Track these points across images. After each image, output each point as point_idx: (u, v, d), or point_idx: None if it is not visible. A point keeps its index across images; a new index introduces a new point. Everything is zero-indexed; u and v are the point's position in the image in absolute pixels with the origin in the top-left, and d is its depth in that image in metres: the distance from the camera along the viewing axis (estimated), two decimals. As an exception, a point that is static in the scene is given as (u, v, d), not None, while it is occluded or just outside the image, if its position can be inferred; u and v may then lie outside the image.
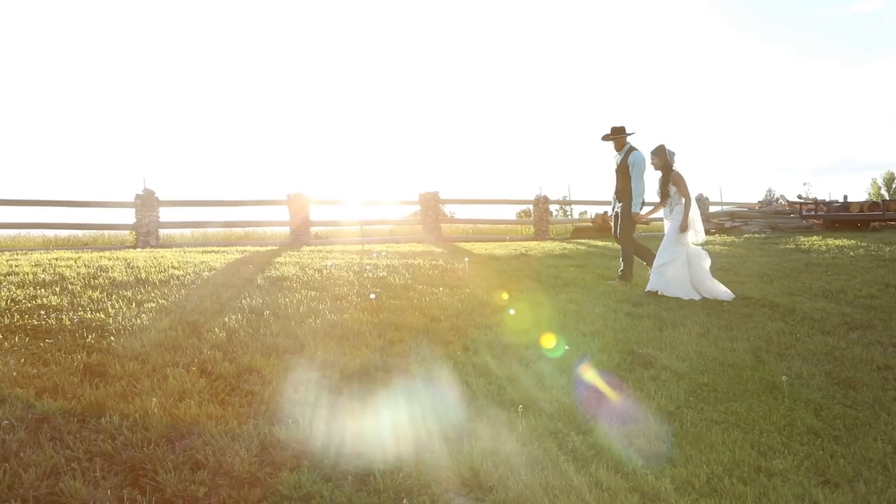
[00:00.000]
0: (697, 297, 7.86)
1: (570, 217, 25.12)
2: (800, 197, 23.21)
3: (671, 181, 8.07)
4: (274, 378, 3.91)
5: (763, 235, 17.58)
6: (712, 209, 22.66)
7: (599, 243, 15.23)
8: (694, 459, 3.59)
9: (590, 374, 4.81)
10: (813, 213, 21.33)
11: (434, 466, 3.14)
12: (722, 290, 7.91)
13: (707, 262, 8.07)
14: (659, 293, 7.84)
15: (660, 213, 8.65)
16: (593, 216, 20.05)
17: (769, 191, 39.47)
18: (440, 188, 17.39)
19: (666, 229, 8.26)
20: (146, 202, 14.56)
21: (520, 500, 2.92)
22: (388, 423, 3.49)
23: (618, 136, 8.85)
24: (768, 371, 5.27)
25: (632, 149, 8.76)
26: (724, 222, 21.19)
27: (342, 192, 18.06)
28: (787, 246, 14.04)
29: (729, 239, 16.64)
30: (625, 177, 8.78)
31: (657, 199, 8.43)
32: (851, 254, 11.93)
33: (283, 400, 3.63)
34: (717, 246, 14.55)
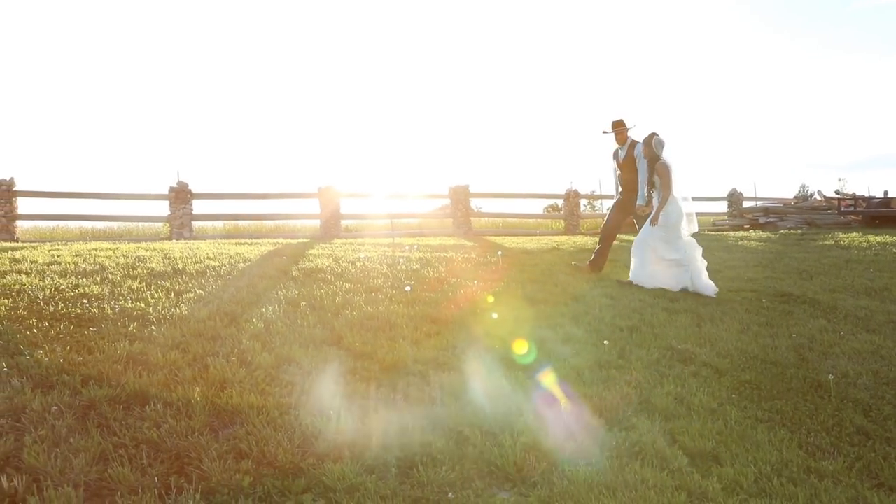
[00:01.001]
0: (691, 289, 7.74)
1: (599, 212, 24.81)
2: (837, 192, 22.62)
3: (655, 171, 7.95)
4: (313, 369, 3.91)
5: (799, 231, 17.21)
6: (746, 204, 22.24)
7: (632, 238, 15.04)
8: (740, 458, 3.51)
9: (628, 368, 4.74)
10: (851, 208, 20.79)
11: (476, 460, 3.11)
12: (708, 287, 7.76)
13: (698, 253, 7.97)
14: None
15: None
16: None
17: (803, 186, 38.53)
18: (470, 182, 17.36)
19: (649, 222, 8.11)
20: (180, 195, 14.75)
21: (564, 497, 2.87)
22: (427, 416, 3.47)
23: (619, 129, 8.78)
24: (812, 369, 5.14)
25: (635, 141, 8.68)
26: (758, 218, 20.78)
27: (371, 185, 18.10)
28: (826, 242, 13.72)
29: (764, 235, 16.33)
30: (631, 169, 8.68)
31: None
32: (894, 250, 11.61)
33: (322, 391, 3.62)
34: (752, 242, 14.28)
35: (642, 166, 8.44)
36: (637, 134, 8.82)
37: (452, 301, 6.00)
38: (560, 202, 20.96)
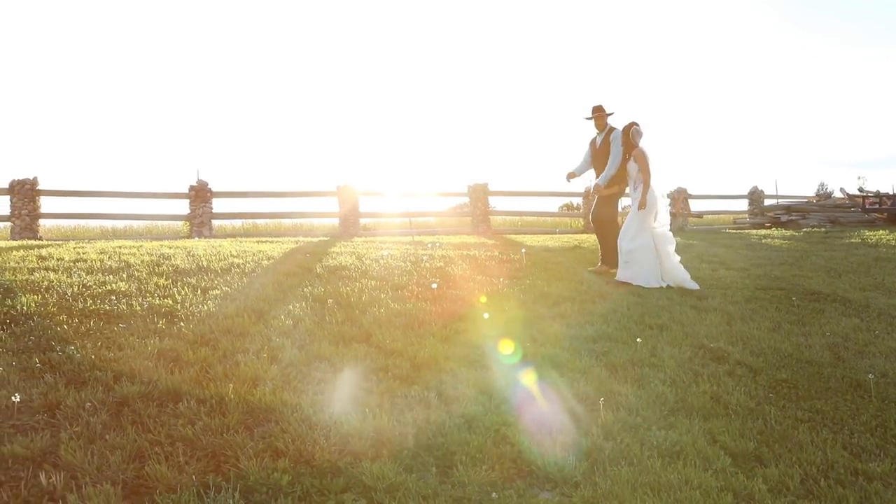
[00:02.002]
0: (663, 285, 7.60)
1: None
2: (861, 190, 22.27)
3: (633, 158, 7.87)
4: (344, 366, 3.86)
5: (823, 230, 16.96)
6: (767, 202, 21.95)
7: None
8: (784, 459, 3.42)
9: (661, 367, 4.65)
10: (876, 206, 20.45)
11: (515, 459, 3.04)
12: (687, 279, 7.63)
13: (672, 247, 7.81)
14: (630, 283, 7.57)
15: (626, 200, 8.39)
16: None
17: (822, 184, 37.97)
18: (489, 180, 17.24)
19: (630, 215, 8.00)
20: (199, 193, 14.78)
21: (609, 498, 2.79)
22: (463, 414, 3.40)
23: (599, 114, 8.66)
24: (849, 369, 5.02)
25: (613, 128, 8.57)
26: (780, 216, 20.49)
27: (389, 183, 18.05)
28: (852, 240, 13.50)
29: (787, 233, 16.10)
30: (604, 158, 8.53)
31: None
32: (923, 248, 11.38)
33: (355, 388, 3.57)
34: (776, 240, 14.08)
35: (616, 151, 8.31)
36: (617, 121, 8.68)
37: (479, 299, 5.93)
38: (578, 200, 20.80)
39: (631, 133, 7.95)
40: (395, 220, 17.21)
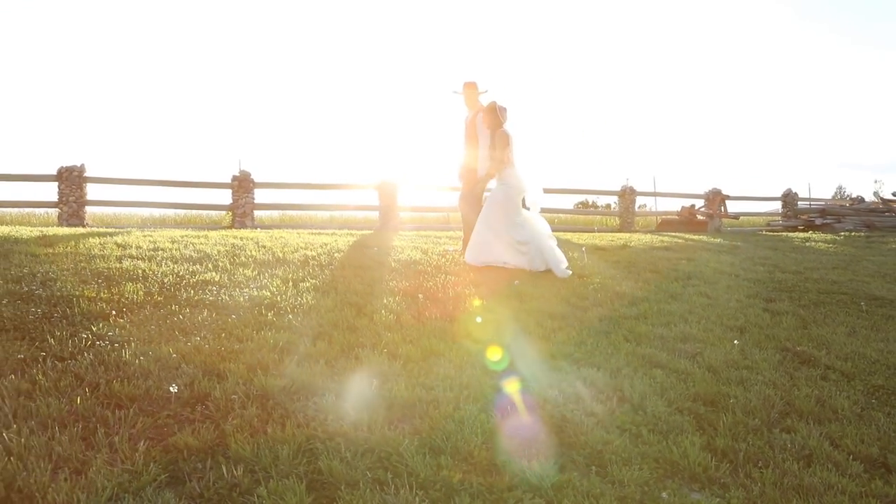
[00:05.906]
0: (542, 269, 7.16)
1: (655, 210, 24.50)
2: (895, 194, 22.06)
3: (495, 139, 7.39)
4: (462, 363, 3.88)
5: (863, 234, 16.81)
6: (801, 205, 21.80)
7: (695, 237, 14.85)
8: (915, 467, 3.41)
9: (757, 369, 4.65)
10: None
11: (657, 458, 3.06)
12: (562, 267, 7.24)
13: (547, 229, 7.51)
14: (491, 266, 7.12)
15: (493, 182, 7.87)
16: (679, 209, 19.56)
17: (839, 187, 37.52)
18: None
19: (490, 196, 7.59)
20: (243, 184, 14.85)
21: (763, 499, 2.81)
22: (592, 412, 3.42)
23: (470, 90, 8.02)
24: (942, 376, 4.99)
25: (482, 108, 7.92)
26: (814, 219, 20.35)
27: (426, 177, 18.10)
28: (898, 244, 13.38)
29: (828, 236, 15.98)
30: (472, 138, 7.97)
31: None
32: (976, 254, 11.26)
33: (480, 384, 3.60)
34: (819, 244, 13.98)
35: (484, 136, 7.78)
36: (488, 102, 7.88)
37: (557, 297, 5.95)
38: (608, 199, 20.74)
39: (497, 110, 7.45)
40: (433, 214, 17.22)
